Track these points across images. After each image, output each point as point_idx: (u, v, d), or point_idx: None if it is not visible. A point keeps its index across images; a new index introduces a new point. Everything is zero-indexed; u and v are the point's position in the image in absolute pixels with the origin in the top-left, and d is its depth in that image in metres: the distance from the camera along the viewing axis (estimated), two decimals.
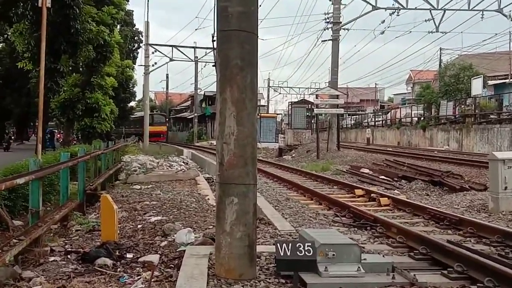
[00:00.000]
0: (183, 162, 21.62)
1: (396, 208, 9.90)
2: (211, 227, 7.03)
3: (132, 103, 57.21)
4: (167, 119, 64.55)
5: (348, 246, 4.86)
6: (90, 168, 12.25)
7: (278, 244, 4.59)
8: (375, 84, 77.08)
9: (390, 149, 29.00)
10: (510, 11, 26.08)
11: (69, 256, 6.04)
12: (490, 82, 37.89)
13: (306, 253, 4.52)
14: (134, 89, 46.71)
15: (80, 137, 31.86)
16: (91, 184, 10.86)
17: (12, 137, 44.98)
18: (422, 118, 39.96)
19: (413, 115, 41.80)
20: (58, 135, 51.03)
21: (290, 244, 4.58)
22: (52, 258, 5.97)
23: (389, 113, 51.60)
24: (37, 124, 22.02)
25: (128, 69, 36.83)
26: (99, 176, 12.64)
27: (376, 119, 51.88)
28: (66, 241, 7.12)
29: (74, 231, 7.92)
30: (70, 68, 22.41)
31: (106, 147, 15.82)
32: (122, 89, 37.00)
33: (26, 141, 51.43)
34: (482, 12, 26.97)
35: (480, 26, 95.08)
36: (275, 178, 16.03)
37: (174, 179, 14.73)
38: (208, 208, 9.35)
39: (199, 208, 9.28)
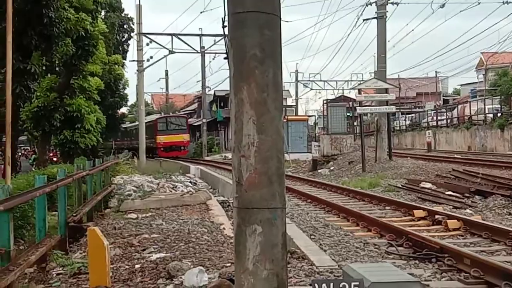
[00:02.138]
0: (190, 182, 21.78)
1: (469, 232, 9.81)
2: (229, 264, 7.06)
3: (124, 109, 57.79)
4: (189, 124, 58.78)
5: (407, 285, 4.83)
6: (72, 194, 12.39)
7: (317, 285, 4.58)
8: (436, 72, 76.50)
9: (458, 156, 28.70)
10: None
11: None
12: None
13: None
14: (125, 91, 47.22)
15: (59, 154, 32.29)
16: (74, 214, 10.96)
17: None
18: (499, 115, 39.47)
19: (487, 111, 41.32)
20: (26, 152, 51.74)
21: (331, 284, 4.57)
22: None
23: (456, 109, 51.10)
24: (4, 140, 22.35)
25: (116, 66, 37.26)
26: (85, 203, 12.77)
27: (439, 118, 51.44)
28: None
29: (54, 275, 8.01)
30: (44, 68, 22.72)
31: (92, 167, 15.98)
32: (110, 91, 37.45)
33: None
34: None
35: None
36: (309, 198, 16.02)
37: (179, 205, 14.82)
38: (224, 240, 9.38)
39: (212, 241, 9.32)
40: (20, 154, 47.48)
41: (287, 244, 4.97)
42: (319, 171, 28.69)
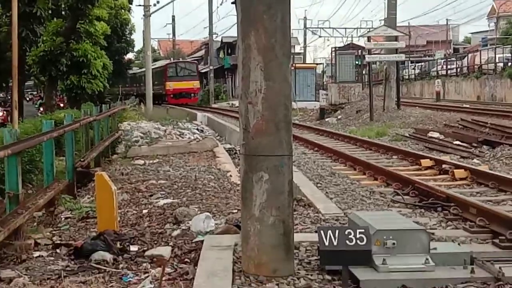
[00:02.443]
0: (197, 129, 21.82)
1: (476, 182, 9.81)
2: (236, 211, 7.12)
3: (130, 55, 57.37)
4: (198, 70, 56.66)
5: (412, 233, 4.86)
6: (80, 139, 12.45)
7: (322, 232, 4.62)
8: (447, 20, 75.39)
9: (467, 106, 28.53)
10: None
11: (58, 251, 6.22)
12: None
13: (358, 242, 4.55)
14: (131, 37, 46.90)
15: (66, 100, 32.32)
16: (82, 159, 11.05)
17: None
18: (510, 64, 39.02)
19: (497, 60, 40.86)
20: (33, 97, 51.54)
21: (337, 231, 4.60)
22: (37, 254, 6.15)
23: (466, 58, 50.54)
24: (10, 85, 22.33)
25: (123, 10, 36.95)
26: (92, 149, 12.85)
27: (449, 67, 50.94)
28: (54, 232, 7.31)
29: (63, 219, 8.12)
30: (50, 11, 22.53)
31: (99, 112, 16.01)
32: (117, 37, 37.24)
33: None
34: None
35: None
36: (316, 147, 16.01)
37: (186, 151, 14.86)
38: (231, 187, 9.43)
39: (219, 188, 9.38)
40: (27, 99, 47.54)
41: (293, 191, 5.00)
42: (326, 119, 28.63)
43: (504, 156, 12.83)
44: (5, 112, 29.88)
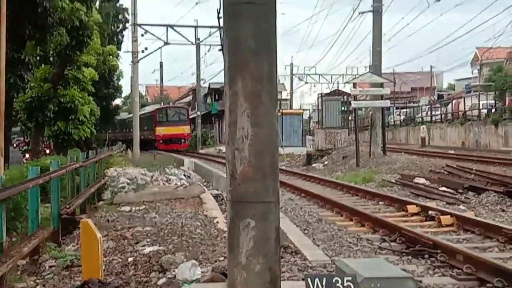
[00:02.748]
0: (184, 175, 21.73)
1: (462, 229, 9.82)
2: (222, 258, 7.05)
3: (118, 101, 57.43)
4: (189, 115, 55.27)
5: (400, 280, 4.82)
6: (66, 185, 12.36)
7: (309, 279, 4.57)
8: (431, 67, 76.58)
9: (452, 152, 28.77)
10: None
11: None
12: None
13: None
14: (119, 83, 47.05)
15: (52, 146, 32.19)
16: (67, 206, 10.95)
17: None
18: (493, 110, 39.55)
19: (481, 107, 41.41)
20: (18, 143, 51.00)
21: (324, 279, 4.56)
22: None
23: (450, 104, 51.18)
24: None
25: (111, 57, 37.13)
26: (78, 195, 12.75)
27: (433, 113, 51.53)
28: (38, 281, 7.20)
29: (47, 267, 8.00)
30: (38, 58, 22.63)
31: (86, 158, 15.95)
32: (105, 83, 37.31)
33: None
34: None
35: None
36: (302, 193, 16.00)
37: (173, 198, 14.79)
38: (218, 234, 9.36)
39: (205, 235, 9.30)
40: (14, 145, 47.28)
41: (280, 238, 4.96)
42: (313, 165, 28.68)
43: (490, 203, 12.88)
44: None
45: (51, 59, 26.16)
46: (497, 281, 5.74)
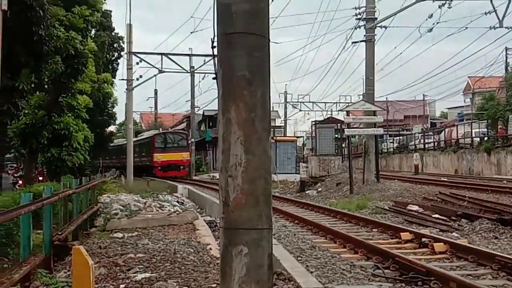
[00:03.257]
0: (178, 201, 21.67)
1: (455, 256, 9.83)
2: (215, 285, 7.02)
3: (112, 128, 57.35)
4: (189, 141, 52.79)
5: None
6: (58, 212, 12.29)
7: None
8: (423, 96, 77.09)
9: (445, 179, 28.82)
10: None
11: None
12: None
13: None
14: (114, 110, 47.06)
15: (46, 173, 32.07)
16: (59, 233, 10.88)
17: None
18: (486, 138, 39.75)
19: (474, 135, 41.63)
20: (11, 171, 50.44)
21: None
22: None
23: (443, 132, 51.45)
24: None
25: (106, 84, 37.20)
26: (70, 222, 12.67)
27: (426, 141, 51.74)
28: None
29: None
30: (33, 85, 22.61)
31: (79, 185, 15.89)
32: (99, 110, 37.30)
33: None
34: None
35: None
36: (296, 220, 15.99)
37: (166, 224, 14.73)
38: (211, 260, 9.33)
39: (198, 261, 9.26)
40: (8, 172, 46.99)
41: (273, 265, 4.94)
42: (306, 192, 28.67)
43: (483, 230, 12.90)
44: None
45: (45, 86, 26.11)
46: None
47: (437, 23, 29.30)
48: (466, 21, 52.71)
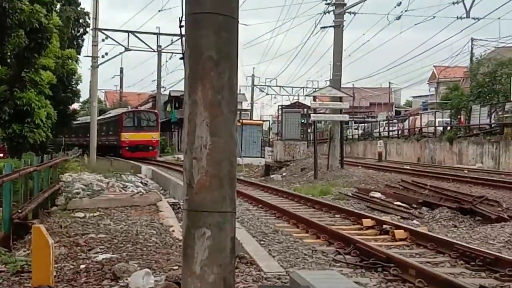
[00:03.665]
0: (141, 182, 21.57)
1: (415, 243, 9.95)
2: (176, 267, 6.99)
3: (76, 105, 56.49)
4: (158, 121, 49.89)
5: None
6: (18, 190, 12.10)
7: None
8: (389, 83, 77.88)
9: (408, 167, 29.19)
10: None
11: None
12: None
13: None
14: (78, 87, 46.26)
15: (7, 149, 31.50)
16: (19, 210, 10.71)
17: None
18: (448, 128, 40.37)
19: (437, 124, 42.24)
20: None
21: None
22: None
23: (407, 120, 52.12)
24: None
25: (70, 60, 36.55)
26: (31, 200, 12.48)
27: (390, 129, 52.31)
28: None
29: None
30: None
31: (40, 163, 15.64)
32: (63, 86, 36.67)
33: None
34: None
35: None
36: (260, 203, 16.01)
37: (129, 205, 14.63)
38: (173, 242, 9.30)
39: (160, 243, 9.22)
40: None
41: (236, 248, 4.94)
42: (271, 176, 28.76)
43: (443, 218, 13.12)
44: None
45: (8, 60, 25.64)
46: None
47: (405, 11, 29.49)
48: (433, 10, 53.24)
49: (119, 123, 47.74)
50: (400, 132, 49.76)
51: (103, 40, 39.48)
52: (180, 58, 5.12)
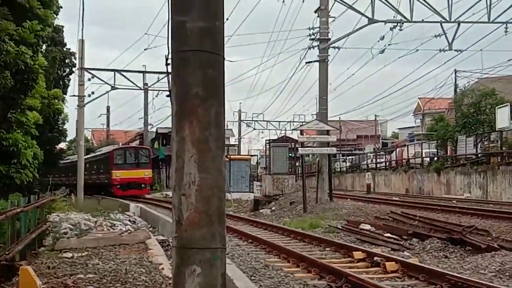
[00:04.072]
0: (129, 220, 21.41)
1: (407, 275, 9.93)
2: None
3: (62, 145, 56.30)
4: (151, 157, 48.87)
5: None
6: (5, 231, 11.97)
7: None
8: (375, 116, 78.58)
9: (397, 199, 29.27)
10: None
11: None
12: None
13: None
14: (64, 127, 46.20)
15: None
16: (7, 252, 10.59)
17: None
18: (435, 159, 40.60)
19: (424, 155, 42.48)
20: None
21: None
22: None
23: (394, 152, 52.38)
24: None
25: (56, 100, 36.56)
26: (18, 241, 12.34)
27: (378, 160, 52.54)
28: None
29: None
30: None
31: (27, 203, 15.52)
32: (49, 126, 36.62)
33: None
34: (506, 25, 27.76)
35: (503, 43, 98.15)
36: (250, 238, 15.94)
37: (117, 244, 14.49)
38: (163, 281, 9.20)
39: (150, 282, 9.13)
40: None
41: (226, 285, 4.91)
42: (260, 211, 28.64)
43: (433, 249, 13.10)
44: None
45: None
46: None
47: (389, 44, 29.94)
48: (416, 44, 53.95)
49: (110, 160, 46.27)
50: (387, 163, 49.98)
51: (89, 79, 39.62)
52: (167, 96, 5.15)
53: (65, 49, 43.37)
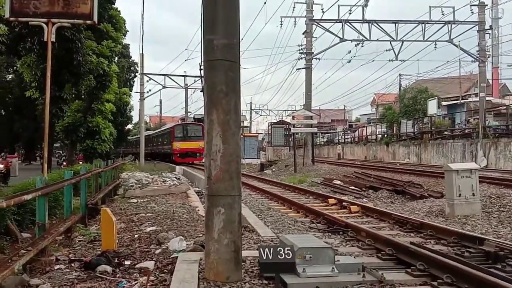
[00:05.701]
0: (175, 177, 21.48)
1: (365, 214, 9.95)
2: (201, 235, 6.97)
3: (129, 126, 56.45)
4: (204, 131, 45.14)
5: (323, 249, 4.85)
6: (91, 184, 12.07)
7: (261, 249, 4.56)
8: (344, 106, 78.00)
9: (358, 163, 29.19)
10: (459, 41, 26.81)
11: (72, 264, 5.92)
12: (444, 103, 38.63)
13: (286, 256, 4.51)
14: (130, 114, 46.40)
15: (83, 157, 31.43)
16: (92, 199, 10.69)
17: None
18: (385, 135, 40.39)
19: (377, 133, 42.26)
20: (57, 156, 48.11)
21: (271, 249, 4.56)
22: (57, 267, 5.84)
23: (357, 131, 52.09)
24: (43, 146, 21.67)
25: (125, 96, 36.58)
26: (100, 191, 12.46)
27: (346, 137, 52.33)
28: (70, 251, 6.97)
29: (77, 241, 7.76)
30: (73, 95, 22.13)
31: (106, 166, 15.64)
32: (120, 113, 36.70)
33: (34, 161, 50.56)
34: (435, 43, 27.55)
35: (433, 55, 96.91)
36: (257, 190, 15.99)
37: (167, 193, 14.58)
38: (198, 218, 9.27)
39: (190, 219, 9.20)
40: (56, 156, 45.72)
41: (241, 221, 4.94)
42: (265, 171, 28.69)
43: (384, 197, 13.11)
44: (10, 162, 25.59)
45: (82, 96, 25.68)
46: (388, 250, 5.82)
47: (354, 56, 29.73)
48: (373, 55, 53.69)
49: (171, 134, 42.53)
50: (352, 139, 49.73)
51: (147, 81, 39.40)
52: (201, 91, 5.14)
53: (130, 60, 43.22)
